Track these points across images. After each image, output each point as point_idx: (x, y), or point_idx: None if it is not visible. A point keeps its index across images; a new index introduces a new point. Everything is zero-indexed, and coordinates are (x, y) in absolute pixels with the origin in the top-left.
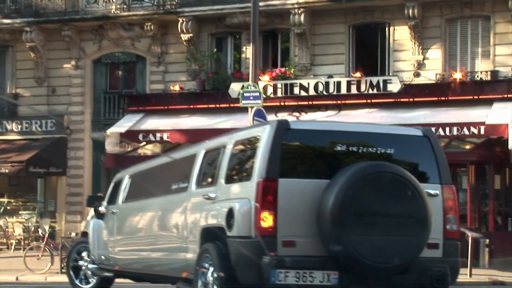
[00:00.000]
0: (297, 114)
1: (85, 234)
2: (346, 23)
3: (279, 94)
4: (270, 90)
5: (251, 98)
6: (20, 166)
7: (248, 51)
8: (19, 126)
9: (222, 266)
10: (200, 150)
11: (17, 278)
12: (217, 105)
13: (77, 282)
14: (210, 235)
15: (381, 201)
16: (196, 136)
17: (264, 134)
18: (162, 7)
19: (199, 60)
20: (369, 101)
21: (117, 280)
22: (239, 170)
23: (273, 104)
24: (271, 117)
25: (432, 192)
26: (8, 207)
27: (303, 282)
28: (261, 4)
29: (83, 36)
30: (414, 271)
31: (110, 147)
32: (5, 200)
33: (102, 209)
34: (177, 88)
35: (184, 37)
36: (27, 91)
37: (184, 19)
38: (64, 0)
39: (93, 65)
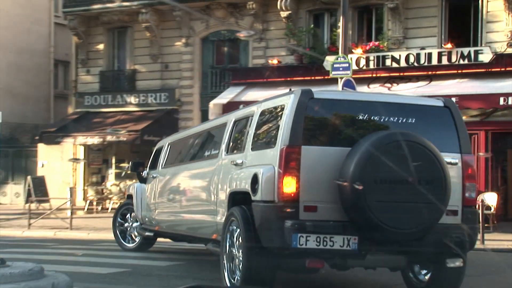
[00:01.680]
0: (388, 85)
1: (130, 197)
2: None
3: (371, 66)
4: (362, 62)
5: (341, 68)
6: (136, 135)
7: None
8: (137, 99)
9: (246, 229)
10: (230, 119)
11: None
12: (312, 77)
13: (122, 241)
14: (237, 199)
15: (401, 168)
16: None
17: (289, 103)
18: None
19: (297, 35)
20: (460, 71)
21: (159, 239)
22: (264, 138)
23: (366, 76)
24: (363, 88)
25: (452, 160)
26: (128, 172)
27: (323, 246)
28: None
29: (192, 16)
30: (433, 237)
31: (214, 117)
32: (126, 165)
33: (144, 174)
34: (275, 62)
35: (283, 14)
36: (143, 67)
37: None
38: None
39: (201, 43)
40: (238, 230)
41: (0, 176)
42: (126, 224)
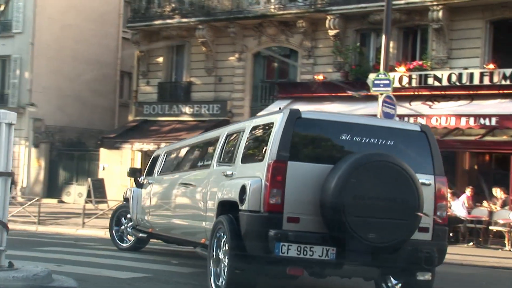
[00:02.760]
0: (429, 103)
1: (126, 200)
2: (484, 18)
3: (413, 84)
4: (405, 80)
5: (381, 85)
6: None
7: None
8: (191, 109)
9: (232, 236)
10: (223, 133)
11: None
12: (356, 93)
13: (118, 241)
14: (225, 208)
15: (379, 187)
16: None
17: (278, 121)
18: (313, 6)
19: (343, 53)
20: (501, 91)
21: (152, 240)
22: (253, 152)
23: (408, 93)
24: (404, 105)
25: (426, 181)
26: None
27: (303, 256)
28: (401, 2)
29: (246, 33)
30: (405, 252)
31: None
32: None
33: (141, 179)
34: (320, 77)
35: (331, 32)
36: (198, 80)
37: (332, 17)
38: (230, 1)
39: (253, 58)
40: (225, 236)
41: (65, 177)
42: (122, 226)
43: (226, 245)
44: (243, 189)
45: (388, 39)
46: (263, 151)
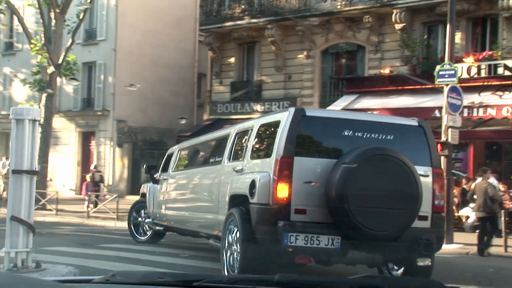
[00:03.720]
0: (500, 93)
1: (143, 195)
2: None
3: (482, 74)
4: (474, 71)
5: (446, 75)
6: None
7: (456, 37)
8: (262, 107)
9: (244, 227)
10: (233, 131)
11: None
12: (422, 86)
13: (136, 234)
14: (236, 201)
15: (380, 178)
16: (401, 114)
17: (284, 119)
18: (379, 0)
19: (410, 46)
20: None
21: (168, 233)
22: (262, 148)
23: (476, 84)
24: (473, 96)
25: (424, 173)
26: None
27: (310, 245)
28: None
29: (313, 30)
30: (406, 239)
31: None
32: None
33: (156, 176)
34: (387, 71)
35: (398, 26)
36: (268, 78)
37: (398, 11)
38: (298, 0)
39: (321, 55)
40: (237, 228)
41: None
42: (139, 219)
43: (238, 236)
44: (252, 183)
45: (452, 29)
46: (271, 148)
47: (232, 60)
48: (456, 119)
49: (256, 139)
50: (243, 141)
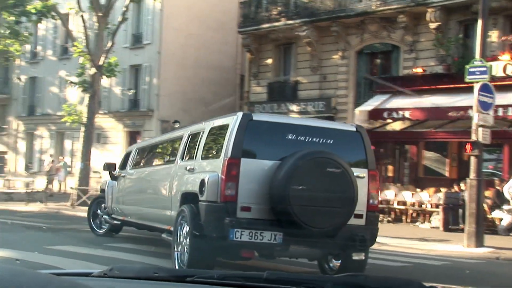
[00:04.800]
0: None
1: (103, 191)
2: None
3: None
4: (509, 69)
5: (477, 73)
6: None
7: (493, 35)
8: (298, 107)
9: (193, 223)
10: (186, 132)
11: None
12: (455, 85)
13: (94, 227)
14: (187, 198)
15: (319, 179)
16: (434, 113)
17: (232, 123)
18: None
19: (445, 45)
20: None
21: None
22: (212, 150)
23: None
24: (508, 95)
25: (360, 174)
26: None
27: (254, 240)
28: None
29: (348, 31)
30: (342, 235)
31: (359, 123)
32: None
33: (115, 173)
34: (419, 70)
35: (433, 25)
36: (304, 79)
37: (433, 10)
38: (333, 0)
39: (356, 55)
40: (187, 223)
41: None
42: (99, 214)
43: (188, 230)
44: (202, 182)
45: (484, 25)
46: (220, 149)
47: (269, 61)
48: (487, 118)
49: (207, 141)
50: (195, 142)
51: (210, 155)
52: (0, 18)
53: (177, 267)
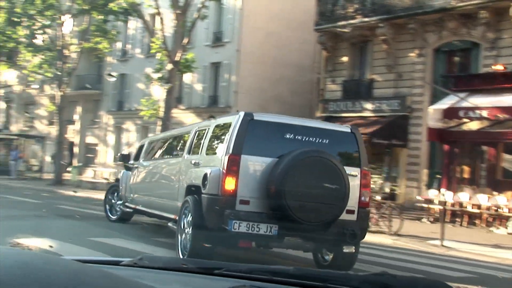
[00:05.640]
0: None
1: (117, 180)
2: None
3: None
4: None
5: None
6: (365, 138)
7: None
8: (373, 105)
9: (196, 213)
10: (194, 128)
11: None
12: None
13: (108, 213)
14: (191, 190)
15: (313, 177)
16: None
17: (234, 122)
18: None
19: None
20: None
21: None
22: (215, 146)
23: None
24: None
25: (353, 173)
26: None
27: (251, 231)
28: None
29: (426, 28)
30: (334, 229)
31: (433, 122)
32: None
33: (129, 164)
34: (499, 67)
35: None
36: (379, 77)
37: None
38: None
39: (433, 53)
40: (190, 214)
41: None
42: (113, 201)
43: (190, 220)
44: (205, 176)
45: None
46: (222, 146)
47: (345, 59)
48: None
49: (211, 137)
50: (201, 138)
51: (213, 151)
52: (89, 17)
53: (180, 254)
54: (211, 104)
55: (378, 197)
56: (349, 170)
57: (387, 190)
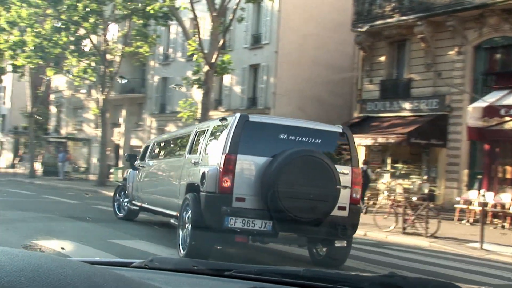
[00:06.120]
0: None
1: (125, 179)
2: None
3: None
4: None
5: None
6: (403, 137)
7: None
8: (411, 105)
9: (195, 210)
10: (194, 130)
11: (365, 234)
12: None
13: (116, 211)
14: (191, 188)
15: (306, 175)
16: None
17: (231, 123)
18: None
19: None
20: None
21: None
22: (213, 146)
23: None
24: None
25: (344, 171)
26: (402, 171)
27: (247, 227)
28: None
29: (465, 25)
30: (326, 225)
31: (473, 121)
32: (400, 165)
33: (136, 163)
34: None
35: None
36: (417, 76)
37: None
38: None
39: (473, 51)
40: (190, 210)
41: None
42: (120, 199)
43: (189, 216)
44: (203, 175)
45: None
46: (220, 146)
47: (383, 58)
48: None
49: (210, 138)
50: (200, 138)
51: (211, 151)
52: (130, 22)
53: (180, 249)
54: (249, 106)
55: (414, 198)
56: (341, 168)
57: (426, 190)
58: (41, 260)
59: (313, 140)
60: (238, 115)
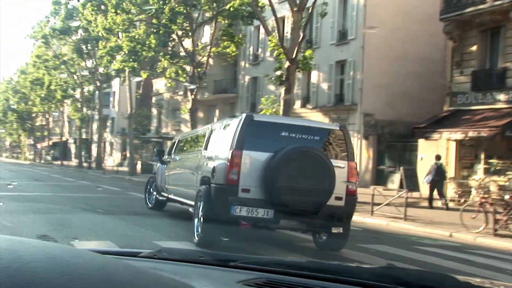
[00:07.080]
0: None
1: (155, 172)
2: None
3: None
4: None
5: None
6: (496, 131)
7: None
8: (506, 96)
9: (206, 200)
10: (210, 128)
11: (450, 235)
12: None
13: (147, 201)
14: (204, 181)
15: (304, 169)
16: None
17: (237, 122)
18: None
19: None
20: None
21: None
22: (222, 142)
23: None
24: None
25: (341, 165)
26: (498, 167)
27: (251, 215)
28: None
29: None
30: (323, 213)
31: None
32: (494, 161)
33: (164, 158)
34: None
35: None
36: None
37: None
38: None
39: None
40: (202, 200)
41: (390, 166)
42: (151, 191)
43: (202, 206)
44: (213, 169)
45: None
46: (228, 142)
47: (474, 48)
48: None
49: (220, 135)
50: (214, 135)
51: (221, 147)
52: (215, 22)
53: (195, 236)
54: (337, 103)
55: (506, 196)
56: (337, 162)
57: None
58: (56, 250)
59: (312, 137)
60: (244, 115)
